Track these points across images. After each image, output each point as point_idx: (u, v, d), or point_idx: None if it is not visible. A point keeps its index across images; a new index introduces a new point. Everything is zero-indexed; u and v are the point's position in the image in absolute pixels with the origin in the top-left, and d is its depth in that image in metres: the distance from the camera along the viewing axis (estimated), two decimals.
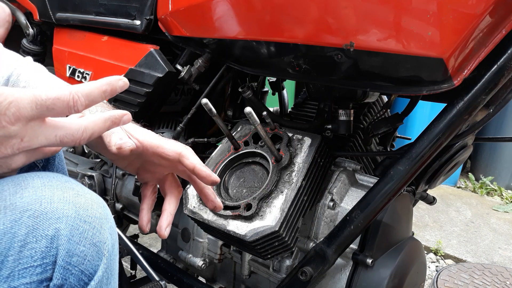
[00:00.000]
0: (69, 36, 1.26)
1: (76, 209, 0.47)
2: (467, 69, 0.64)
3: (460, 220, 2.63)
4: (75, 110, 0.46)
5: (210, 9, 0.83)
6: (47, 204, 0.45)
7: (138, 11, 1.04)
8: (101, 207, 0.50)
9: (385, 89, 0.75)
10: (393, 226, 0.88)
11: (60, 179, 0.49)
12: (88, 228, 0.47)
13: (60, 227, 0.45)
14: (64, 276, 0.45)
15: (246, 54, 0.89)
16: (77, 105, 0.46)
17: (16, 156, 0.47)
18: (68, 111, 0.46)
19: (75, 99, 0.45)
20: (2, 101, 0.42)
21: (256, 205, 0.76)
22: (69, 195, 0.47)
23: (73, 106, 0.45)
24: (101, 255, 0.48)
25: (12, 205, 0.44)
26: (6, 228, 0.43)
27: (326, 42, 0.71)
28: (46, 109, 0.44)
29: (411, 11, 0.61)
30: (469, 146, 0.98)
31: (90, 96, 0.47)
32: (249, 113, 0.74)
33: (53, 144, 0.47)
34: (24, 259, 0.43)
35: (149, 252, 1.19)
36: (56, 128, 0.47)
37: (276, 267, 0.92)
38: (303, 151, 0.83)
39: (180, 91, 1.18)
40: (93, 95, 0.47)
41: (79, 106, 0.46)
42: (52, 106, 0.44)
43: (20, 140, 0.44)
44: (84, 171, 1.36)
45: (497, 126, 3.19)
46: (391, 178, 0.74)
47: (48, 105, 0.44)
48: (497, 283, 1.72)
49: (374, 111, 1.16)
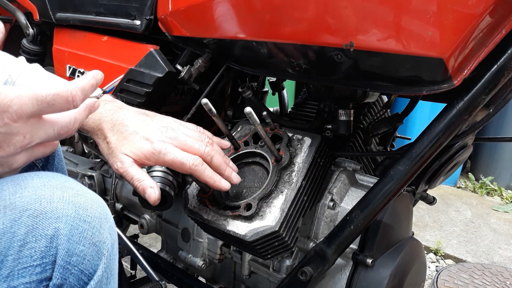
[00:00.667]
0: (69, 36, 1.26)
1: (75, 209, 0.47)
2: (467, 69, 0.64)
3: (460, 220, 2.62)
4: (73, 105, 0.49)
5: (210, 9, 0.83)
6: (46, 203, 0.45)
7: (138, 11, 1.04)
8: (100, 207, 0.50)
9: (385, 89, 0.75)
10: (393, 226, 0.88)
11: (60, 178, 0.49)
12: (88, 228, 0.47)
13: (59, 227, 0.45)
14: (63, 275, 0.45)
15: (246, 54, 0.89)
16: (76, 100, 0.49)
17: (18, 155, 0.48)
18: (67, 107, 0.48)
19: (73, 94, 0.48)
20: (3, 98, 0.42)
21: (256, 205, 0.76)
22: (69, 194, 0.48)
23: (71, 101, 0.48)
24: (100, 254, 0.48)
25: (12, 204, 0.44)
26: (5, 228, 0.43)
27: (326, 42, 0.71)
28: (46, 105, 0.46)
29: (411, 11, 0.61)
30: (469, 146, 0.98)
31: (84, 90, 0.51)
32: (249, 113, 0.74)
33: (52, 138, 0.50)
34: (24, 259, 0.43)
35: (149, 252, 1.19)
36: (52, 123, 0.49)
37: (276, 267, 0.92)
38: (303, 151, 0.83)
39: (180, 91, 1.18)
40: (86, 89, 0.51)
41: (77, 101, 0.49)
42: (52, 102, 0.46)
43: (23, 137, 0.46)
44: (84, 171, 1.36)
45: (497, 126, 3.19)
46: (391, 178, 0.74)
47: (49, 101, 0.46)
48: (497, 283, 1.72)
49: (374, 111, 1.16)
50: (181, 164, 0.67)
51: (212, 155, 0.71)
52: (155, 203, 0.65)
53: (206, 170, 0.69)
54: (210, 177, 0.70)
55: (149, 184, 0.65)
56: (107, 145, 0.68)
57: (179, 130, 0.71)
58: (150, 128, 0.69)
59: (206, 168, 0.69)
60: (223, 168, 0.73)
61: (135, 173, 0.66)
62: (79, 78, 0.52)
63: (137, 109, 0.74)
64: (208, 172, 0.69)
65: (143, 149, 0.66)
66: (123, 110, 0.72)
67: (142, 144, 0.67)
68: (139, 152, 0.66)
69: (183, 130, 0.72)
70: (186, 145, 0.69)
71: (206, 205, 0.82)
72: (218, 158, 0.72)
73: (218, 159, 0.72)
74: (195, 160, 0.68)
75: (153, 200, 0.65)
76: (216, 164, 0.72)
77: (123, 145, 0.67)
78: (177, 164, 0.67)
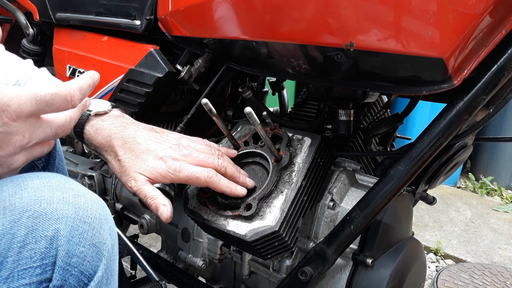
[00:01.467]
0: (69, 36, 1.26)
1: (75, 210, 0.47)
2: (467, 69, 0.64)
3: (460, 220, 2.63)
4: (72, 104, 0.49)
5: (210, 9, 0.83)
6: (46, 204, 0.45)
7: (138, 11, 1.04)
8: (100, 208, 0.50)
9: (385, 89, 0.75)
10: (393, 226, 0.88)
11: (60, 179, 0.49)
12: (88, 229, 0.47)
13: (59, 228, 0.45)
14: (63, 277, 0.45)
15: (246, 54, 0.89)
16: (74, 99, 0.49)
17: (17, 154, 0.48)
18: (66, 106, 0.49)
19: (71, 93, 0.49)
20: (2, 97, 0.42)
21: (256, 205, 0.76)
22: (69, 195, 0.48)
23: (70, 100, 0.49)
24: (100, 255, 0.48)
25: (12, 205, 0.44)
26: (5, 229, 0.43)
27: (326, 42, 0.71)
28: (45, 105, 0.46)
29: (411, 11, 0.61)
30: (469, 146, 0.97)
31: (82, 90, 0.52)
32: (249, 113, 0.74)
33: (50, 137, 0.51)
34: (24, 260, 0.43)
35: (149, 252, 1.19)
36: (50, 122, 0.50)
37: (276, 267, 0.92)
38: (303, 151, 0.83)
39: (180, 91, 1.18)
40: (84, 89, 0.52)
41: (76, 100, 0.50)
42: (51, 101, 0.47)
43: (22, 136, 0.47)
44: (84, 171, 1.36)
45: (497, 126, 3.19)
46: (391, 178, 0.74)
47: (47, 100, 0.46)
48: (497, 283, 1.72)
49: (374, 111, 1.16)
50: (196, 178, 0.69)
51: (225, 166, 0.73)
52: (167, 221, 0.66)
53: (221, 180, 0.72)
54: (226, 186, 0.72)
55: (162, 202, 0.66)
56: (118, 163, 0.68)
57: (189, 146, 0.73)
58: (162, 146, 0.70)
59: (221, 178, 0.71)
60: (237, 175, 0.76)
61: (149, 191, 0.66)
62: (77, 78, 0.53)
63: (146, 125, 0.75)
64: (223, 182, 0.72)
65: (158, 169, 0.67)
66: (133, 126, 0.72)
67: (156, 164, 0.68)
68: (154, 171, 0.67)
69: (193, 146, 0.74)
70: (200, 161, 0.71)
71: (206, 205, 0.82)
72: (231, 168, 0.75)
73: (231, 169, 0.75)
74: (209, 172, 0.70)
75: (165, 218, 0.66)
76: (230, 173, 0.74)
77: (136, 163, 0.68)
78: (193, 179, 0.69)
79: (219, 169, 0.72)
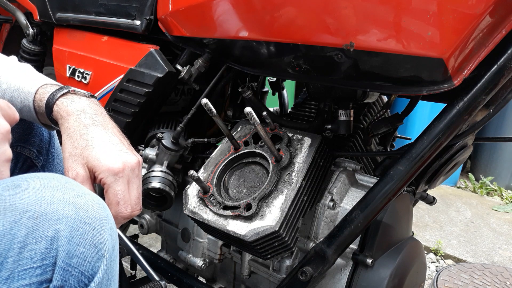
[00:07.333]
0: (69, 36, 1.26)
1: (76, 210, 0.47)
2: (467, 69, 0.64)
3: (460, 220, 2.62)
4: None
5: (210, 9, 0.83)
6: (47, 205, 0.45)
7: (138, 11, 1.04)
8: (101, 208, 0.50)
9: (385, 89, 0.75)
10: (393, 226, 0.88)
11: (60, 180, 0.49)
12: (88, 229, 0.47)
13: (60, 228, 0.45)
14: (64, 277, 0.45)
15: (246, 54, 0.89)
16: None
17: None
18: None
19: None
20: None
21: (256, 205, 0.76)
22: (69, 196, 0.47)
23: None
24: (101, 256, 0.48)
25: (12, 206, 0.44)
26: (5, 229, 0.43)
27: (326, 42, 0.71)
28: None
29: (411, 11, 0.61)
30: (469, 146, 0.97)
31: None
32: (249, 113, 0.74)
33: None
34: (24, 261, 0.43)
35: (149, 252, 1.19)
36: None
37: (276, 267, 0.92)
38: (303, 151, 0.83)
39: (180, 91, 1.18)
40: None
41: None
42: None
43: None
44: None
45: (497, 126, 3.18)
46: (391, 178, 0.74)
47: None
48: (497, 283, 1.72)
49: (374, 111, 1.16)
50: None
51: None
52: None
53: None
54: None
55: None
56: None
57: None
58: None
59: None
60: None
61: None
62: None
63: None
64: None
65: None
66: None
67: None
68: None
69: None
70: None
71: (206, 205, 0.82)
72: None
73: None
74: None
75: None
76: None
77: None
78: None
79: None
